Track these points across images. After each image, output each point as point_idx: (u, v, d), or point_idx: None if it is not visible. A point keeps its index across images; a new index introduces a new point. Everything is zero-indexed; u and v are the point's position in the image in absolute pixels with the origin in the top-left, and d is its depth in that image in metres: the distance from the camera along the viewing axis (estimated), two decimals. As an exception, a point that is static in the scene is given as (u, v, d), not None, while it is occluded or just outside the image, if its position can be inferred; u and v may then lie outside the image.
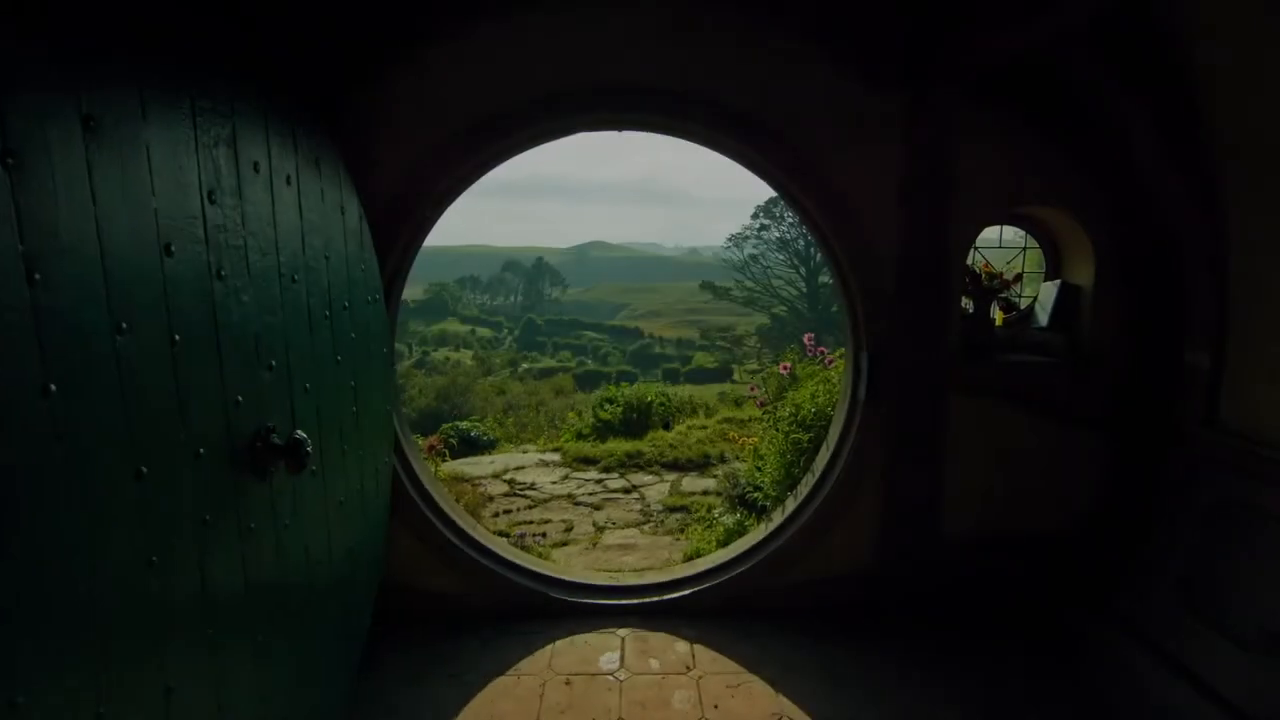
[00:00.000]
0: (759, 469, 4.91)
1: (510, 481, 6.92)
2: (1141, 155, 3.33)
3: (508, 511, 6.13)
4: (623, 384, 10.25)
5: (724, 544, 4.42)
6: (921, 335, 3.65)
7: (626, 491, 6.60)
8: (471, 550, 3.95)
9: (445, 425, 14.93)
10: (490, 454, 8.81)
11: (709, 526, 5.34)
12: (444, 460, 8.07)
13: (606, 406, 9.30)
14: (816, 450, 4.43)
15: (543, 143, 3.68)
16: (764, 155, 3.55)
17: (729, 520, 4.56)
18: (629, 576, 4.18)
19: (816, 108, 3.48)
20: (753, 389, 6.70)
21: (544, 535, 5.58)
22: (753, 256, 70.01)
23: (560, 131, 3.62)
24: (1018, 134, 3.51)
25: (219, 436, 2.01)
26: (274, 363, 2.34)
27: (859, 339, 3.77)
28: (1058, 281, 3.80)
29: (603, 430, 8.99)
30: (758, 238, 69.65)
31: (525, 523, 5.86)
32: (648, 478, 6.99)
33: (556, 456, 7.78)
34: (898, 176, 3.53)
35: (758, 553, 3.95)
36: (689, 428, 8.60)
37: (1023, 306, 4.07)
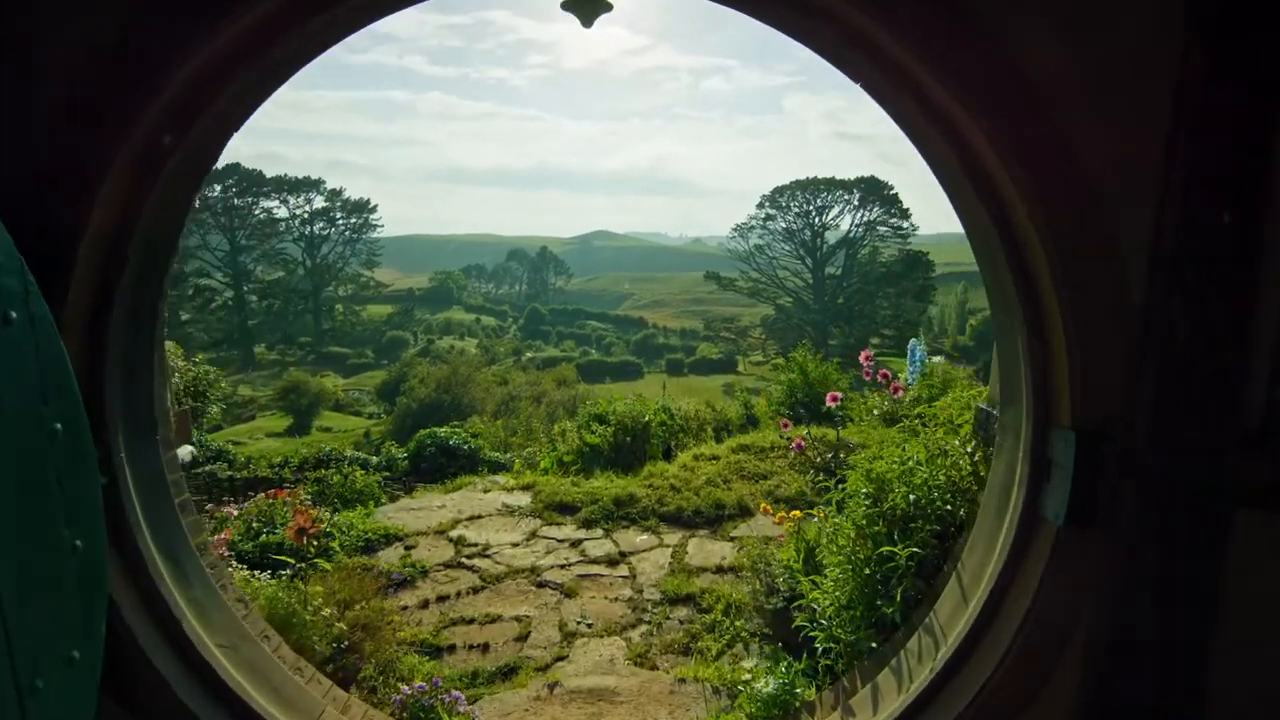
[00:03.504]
0: (814, 580, 3.01)
1: (458, 541, 5.04)
2: None
3: (442, 599, 4.25)
4: (615, 398, 8.34)
5: (764, 737, 2.52)
6: (1191, 400, 1.72)
7: (612, 563, 4.71)
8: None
9: (423, 432, 13.04)
10: (446, 489, 6.93)
11: (728, 649, 3.45)
12: (377, 504, 6.22)
13: (595, 427, 7.40)
14: (925, 574, 2.51)
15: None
16: (935, 59, 1.63)
17: (767, 685, 2.66)
18: (597, 803, 2.29)
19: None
20: (785, 425, 4.77)
21: (484, 649, 3.70)
22: (758, 247, 67.86)
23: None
24: None
25: None
26: None
27: (1050, 401, 1.85)
28: None
29: (589, 458, 7.09)
30: (763, 228, 67.50)
31: (462, 621, 3.97)
32: (641, 538, 5.09)
33: (526, 499, 5.89)
34: (1172, 104, 1.60)
35: (834, 792, 2.06)
36: (696, 458, 6.69)
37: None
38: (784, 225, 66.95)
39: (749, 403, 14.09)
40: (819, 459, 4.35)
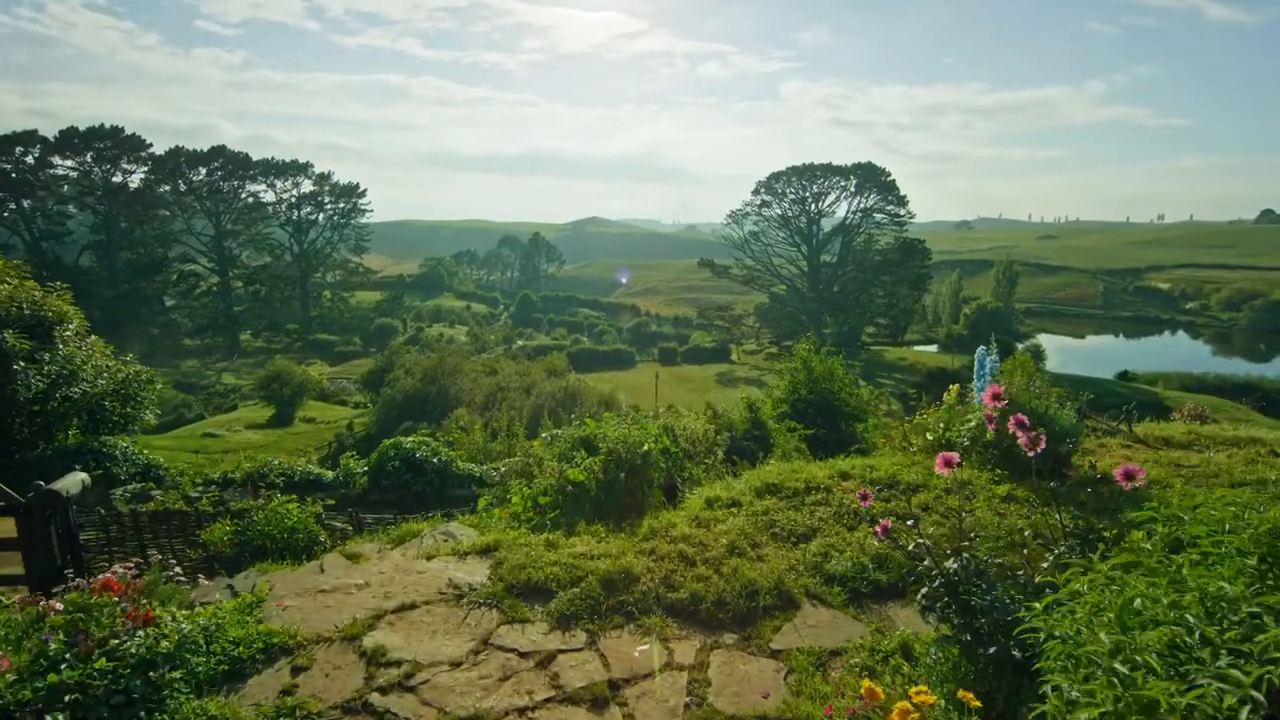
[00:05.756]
0: None
1: (373, 657, 3.39)
2: None
3: (324, 790, 2.60)
4: (606, 416, 6.68)
5: None
6: None
7: (598, 704, 3.07)
8: None
9: (386, 443, 11.31)
10: (391, 539, 5.27)
11: None
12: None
13: (580, 457, 5.74)
14: None
15: None
16: None
17: None
18: None
19: None
20: (864, 497, 3.09)
21: None
22: (753, 234, 66.00)
23: None
24: None
25: None
26: None
27: None
28: None
29: (571, 500, 5.44)
30: (758, 215, 65.60)
31: None
32: (642, 648, 3.46)
33: (483, 572, 4.24)
34: None
35: None
36: (710, 504, 5.06)
37: None
38: (779, 212, 65.16)
39: (753, 403, 12.45)
40: (922, 554, 2.70)
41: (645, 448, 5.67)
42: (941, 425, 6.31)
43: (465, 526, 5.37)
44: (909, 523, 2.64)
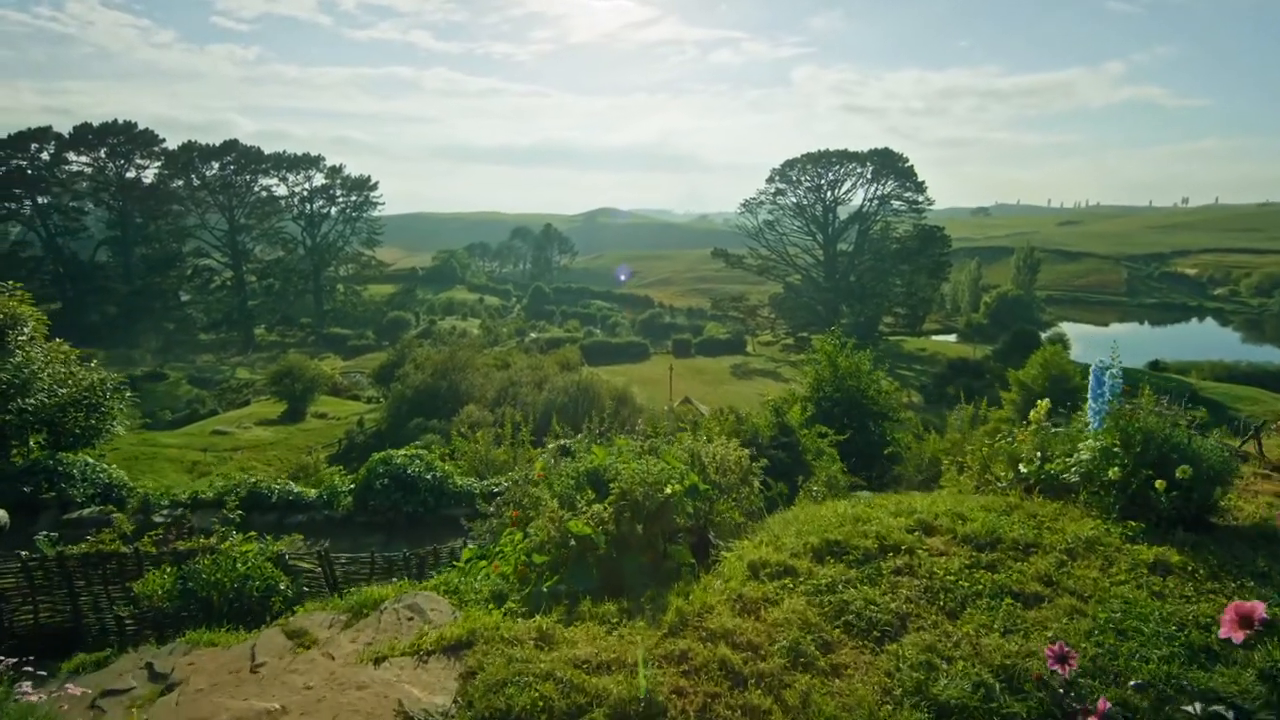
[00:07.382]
0: None
1: None
2: None
3: None
4: (618, 440, 5.42)
5: None
6: None
7: None
8: None
9: (375, 457, 10.11)
10: (348, 608, 4.08)
11: None
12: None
13: (585, 503, 4.49)
14: None
15: None
16: None
17: None
18: None
19: None
20: (1104, 716, 1.79)
21: None
22: (767, 223, 64.24)
23: None
24: None
25: None
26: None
27: None
28: None
29: (574, 563, 4.19)
30: (773, 203, 63.83)
31: None
32: None
33: (449, 686, 3.02)
34: None
35: None
36: (754, 571, 3.81)
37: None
38: (794, 200, 63.35)
39: (779, 407, 11.14)
40: None
41: (668, 490, 4.40)
42: (1038, 454, 4.99)
43: (438, 597, 4.16)
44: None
